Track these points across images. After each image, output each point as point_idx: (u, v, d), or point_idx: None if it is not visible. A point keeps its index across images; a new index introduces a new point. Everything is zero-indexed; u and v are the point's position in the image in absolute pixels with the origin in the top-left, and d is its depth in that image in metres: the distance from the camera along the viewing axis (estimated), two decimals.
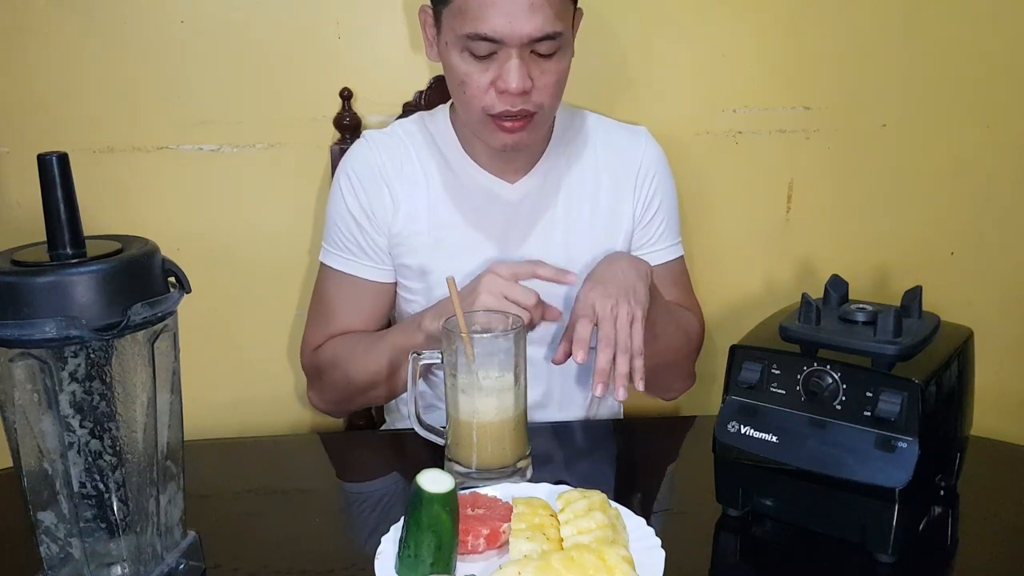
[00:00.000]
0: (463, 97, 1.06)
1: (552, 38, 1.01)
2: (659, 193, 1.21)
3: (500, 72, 1.02)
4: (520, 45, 1.00)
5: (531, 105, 1.04)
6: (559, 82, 1.06)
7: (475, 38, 1.00)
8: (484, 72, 1.03)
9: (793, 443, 0.81)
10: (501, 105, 1.03)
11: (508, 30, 0.99)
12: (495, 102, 1.03)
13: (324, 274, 1.20)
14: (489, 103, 1.04)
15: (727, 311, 1.49)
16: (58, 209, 0.67)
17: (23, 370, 0.66)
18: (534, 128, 1.07)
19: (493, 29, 0.99)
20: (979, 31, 1.41)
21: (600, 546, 0.73)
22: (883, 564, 0.79)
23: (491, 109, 1.04)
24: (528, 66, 1.02)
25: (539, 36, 1.00)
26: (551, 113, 1.10)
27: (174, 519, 0.77)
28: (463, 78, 1.04)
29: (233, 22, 1.31)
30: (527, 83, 1.02)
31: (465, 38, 1.01)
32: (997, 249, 1.51)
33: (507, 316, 0.95)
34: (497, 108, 1.04)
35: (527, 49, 1.01)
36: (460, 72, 1.04)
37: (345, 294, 1.18)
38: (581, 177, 1.19)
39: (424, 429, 0.97)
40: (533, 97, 1.04)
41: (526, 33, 0.99)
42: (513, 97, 1.02)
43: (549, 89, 1.05)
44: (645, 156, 1.21)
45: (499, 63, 1.02)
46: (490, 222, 1.16)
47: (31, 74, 1.31)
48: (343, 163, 1.19)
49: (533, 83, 1.03)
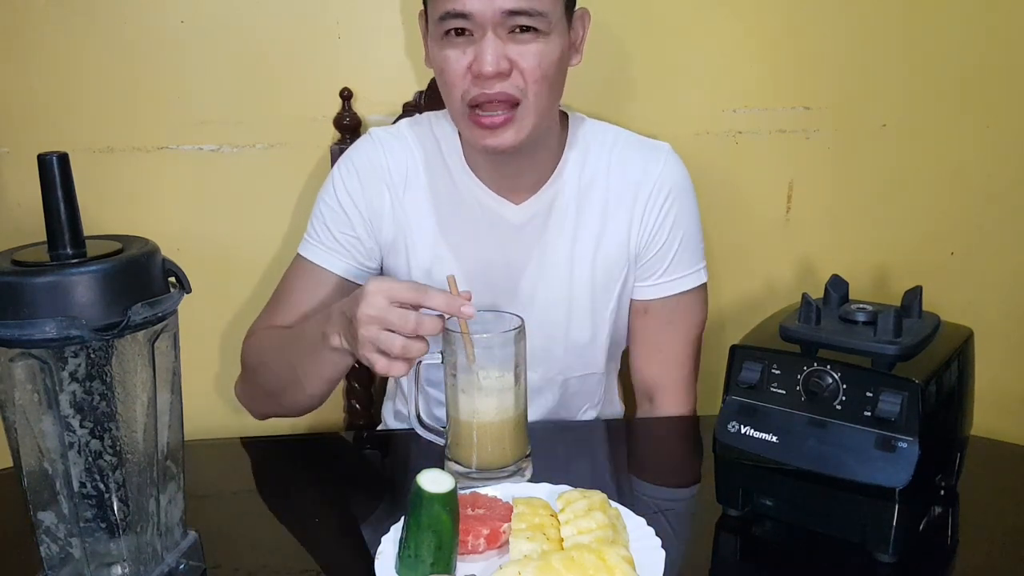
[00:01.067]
0: (445, 89, 1.02)
1: (529, 14, 0.95)
2: (671, 217, 1.12)
3: (476, 54, 0.97)
4: (495, 23, 0.95)
5: (511, 88, 0.98)
6: (543, 67, 0.99)
7: (446, 16, 0.96)
8: (462, 55, 0.98)
9: (793, 443, 0.81)
10: (477, 89, 0.98)
11: (479, 4, 0.94)
12: (471, 87, 0.98)
13: (292, 263, 1.16)
14: (466, 88, 0.99)
15: (727, 311, 1.49)
16: (58, 209, 0.67)
17: (23, 370, 0.66)
18: (517, 124, 1.00)
19: (463, 3, 0.95)
20: (979, 31, 1.40)
21: (600, 546, 0.73)
22: (883, 564, 0.79)
23: (468, 96, 0.99)
24: (505, 45, 0.97)
25: (512, 8, 0.94)
26: (539, 107, 1.01)
27: (174, 519, 0.77)
28: (443, 65, 1.00)
29: (233, 22, 1.31)
30: (502, 63, 0.96)
31: (439, 20, 0.97)
32: (997, 249, 1.50)
33: (507, 316, 0.94)
34: (473, 92, 0.98)
35: (504, 28, 0.96)
36: (440, 59, 1.00)
37: (307, 285, 1.13)
38: (591, 200, 1.12)
39: (424, 429, 0.97)
40: (513, 80, 0.98)
41: (498, 6, 0.94)
42: (489, 80, 0.97)
43: (531, 73, 0.98)
44: (657, 180, 1.12)
45: (476, 46, 0.97)
46: (490, 244, 1.12)
47: (31, 74, 1.31)
48: (346, 156, 1.15)
49: (512, 64, 0.97)
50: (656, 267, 1.15)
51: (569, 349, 1.17)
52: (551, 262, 1.13)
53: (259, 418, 1.19)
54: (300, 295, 1.13)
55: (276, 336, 1.11)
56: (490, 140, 1.01)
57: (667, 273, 1.15)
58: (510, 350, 0.90)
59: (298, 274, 1.15)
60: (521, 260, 1.13)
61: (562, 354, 1.17)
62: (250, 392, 1.16)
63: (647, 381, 1.21)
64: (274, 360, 1.09)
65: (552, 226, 1.13)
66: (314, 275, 1.13)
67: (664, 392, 1.19)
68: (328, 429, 1.44)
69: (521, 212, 1.12)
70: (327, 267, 1.13)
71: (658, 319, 1.17)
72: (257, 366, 1.12)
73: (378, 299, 0.87)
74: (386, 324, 0.87)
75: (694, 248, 1.16)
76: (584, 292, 1.14)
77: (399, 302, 0.87)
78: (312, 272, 1.13)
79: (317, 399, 1.08)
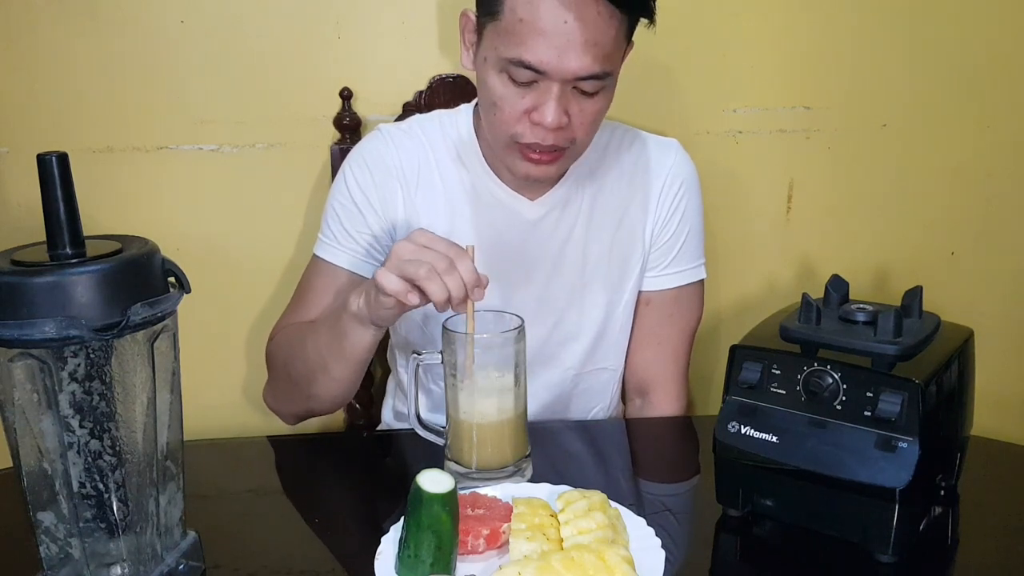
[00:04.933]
0: (493, 119, 1.01)
1: (599, 78, 0.96)
2: (680, 210, 1.16)
3: (537, 103, 0.97)
4: (564, 81, 0.95)
5: (563, 140, 1.00)
6: (596, 121, 1.02)
7: (518, 64, 0.95)
8: (521, 99, 0.97)
9: (793, 443, 0.81)
10: (532, 136, 0.99)
11: (555, 64, 0.94)
12: (527, 131, 0.99)
13: (309, 264, 1.16)
14: (520, 131, 0.99)
15: (727, 311, 1.49)
16: (58, 209, 0.67)
17: (23, 370, 0.66)
18: (563, 163, 1.04)
19: (539, 60, 0.94)
20: (979, 31, 1.41)
21: (600, 546, 0.73)
22: (883, 564, 0.79)
23: (520, 138, 1.00)
24: (568, 102, 0.97)
25: (585, 75, 0.95)
26: (583, 149, 1.05)
27: (174, 519, 0.77)
28: (497, 100, 0.99)
29: (233, 22, 1.31)
30: (563, 120, 0.97)
31: (507, 61, 0.96)
32: (997, 249, 1.51)
33: (507, 316, 0.94)
34: (527, 139, 0.99)
35: (570, 85, 0.96)
36: (495, 94, 0.99)
37: (326, 285, 1.13)
38: (605, 196, 1.14)
39: (424, 429, 0.97)
40: (567, 133, 0.99)
41: (572, 70, 0.94)
42: (546, 132, 0.98)
43: (585, 127, 1.00)
44: (671, 172, 1.15)
45: (538, 93, 0.97)
46: (506, 239, 1.13)
47: (31, 74, 1.31)
48: (356, 152, 1.14)
49: (570, 119, 0.98)
50: (662, 258, 1.17)
51: (583, 344, 1.18)
52: (566, 257, 1.14)
53: (291, 422, 1.17)
54: (320, 295, 1.13)
55: (299, 329, 1.10)
56: (533, 171, 1.03)
57: (672, 265, 1.18)
58: (510, 350, 0.90)
59: (315, 274, 1.15)
60: (536, 255, 1.14)
61: (576, 349, 1.18)
62: (279, 392, 1.14)
63: (642, 375, 1.22)
64: (299, 350, 1.07)
65: (567, 221, 1.14)
66: (332, 275, 1.13)
67: (658, 388, 1.21)
68: (328, 429, 1.44)
69: (536, 208, 1.13)
70: (344, 266, 1.12)
71: (659, 312, 1.19)
72: (284, 361, 1.11)
73: (421, 236, 0.89)
74: (421, 255, 0.87)
75: (698, 243, 1.20)
76: (599, 286, 1.16)
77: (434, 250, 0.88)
78: (329, 272, 1.13)
79: (346, 384, 1.05)
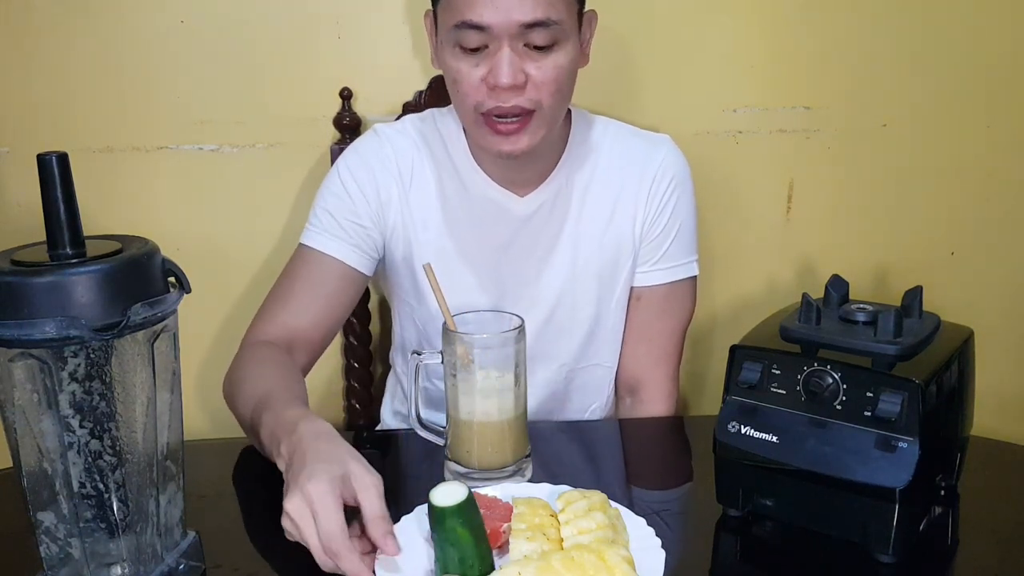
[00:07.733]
0: (457, 97, 1.02)
1: (545, 25, 0.95)
2: (671, 204, 1.15)
3: (492, 67, 0.97)
4: (511, 35, 0.96)
5: (526, 101, 0.99)
6: (558, 79, 1.00)
7: (463, 27, 0.96)
8: (475, 67, 0.98)
9: (793, 443, 0.81)
10: (492, 101, 0.99)
11: (496, 17, 0.94)
12: (486, 98, 0.99)
13: (294, 256, 1.13)
14: (480, 100, 0.99)
15: (727, 311, 1.49)
16: (58, 209, 0.67)
17: (23, 370, 0.66)
18: (532, 131, 1.02)
19: (480, 15, 0.94)
20: (979, 31, 1.40)
21: (600, 546, 0.73)
22: (883, 564, 0.79)
23: (483, 107, 0.99)
24: (522, 60, 0.97)
25: (530, 21, 0.95)
26: (553, 115, 1.03)
27: (174, 519, 0.77)
28: (455, 76, 1.00)
29: (233, 22, 1.31)
30: (519, 76, 0.97)
31: (454, 29, 0.97)
32: (997, 249, 1.50)
33: (507, 316, 0.94)
34: (488, 105, 0.99)
35: (520, 40, 0.96)
36: (453, 69, 1.00)
37: (311, 274, 1.10)
38: (595, 191, 1.14)
39: (424, 429, 0.97)
40: (528, 93, 0.99)
41: (515, 19, 0.94)
42: (505, 92, 0.97)
43: (547, 86, 0.99)
44: (661, 166, 1.14)
45: (490, 56, 0.97)
46: (497, 236, 1.13)
47: (31, 74, 1.31)
48: (351, 149, 1.14)
49: (528, 78, 0.98)
50: (652, 253, 1.17)
51: (576, 339, 1.18)
52: (557, 252, 1.14)
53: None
54: (304, 286, 1.10)
55: (255, 382, 0.98)
56: (504, 146, 1.02)
57: (663, 260, 1.17)
58: (510, 350, 0.90)
59: (301, 264, 1.12)
60: (527, 251, 1.14)
61: (569, 344, 1.18)
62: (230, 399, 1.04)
63: (632, 373, 1.22)
64: (244, 406, 0.96)
65: (557, 216, 1.14)
66: (318, 264, 1.10)
67: (648, 386, 1.21)
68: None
69: (526, 204, 1.13)
70: (332, 254, 1.10)
71: (650, 308, 1.19)
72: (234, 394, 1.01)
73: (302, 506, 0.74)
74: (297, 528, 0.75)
75: (690, 239, 1.19)
76: (590, 281, 1.16)
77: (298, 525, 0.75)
78: (316, 261, 1.10)
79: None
